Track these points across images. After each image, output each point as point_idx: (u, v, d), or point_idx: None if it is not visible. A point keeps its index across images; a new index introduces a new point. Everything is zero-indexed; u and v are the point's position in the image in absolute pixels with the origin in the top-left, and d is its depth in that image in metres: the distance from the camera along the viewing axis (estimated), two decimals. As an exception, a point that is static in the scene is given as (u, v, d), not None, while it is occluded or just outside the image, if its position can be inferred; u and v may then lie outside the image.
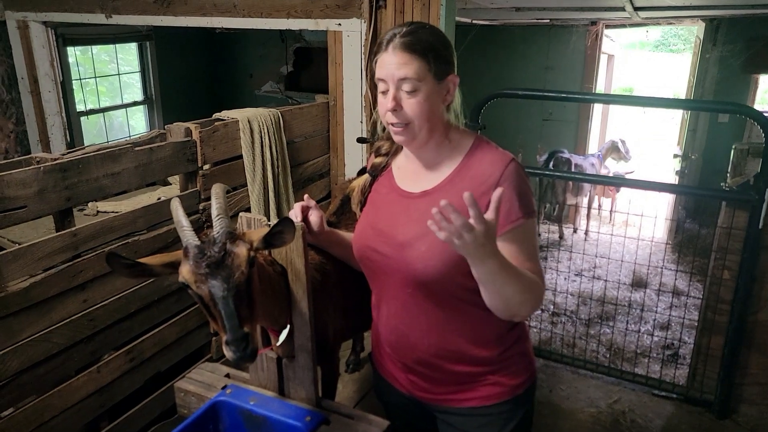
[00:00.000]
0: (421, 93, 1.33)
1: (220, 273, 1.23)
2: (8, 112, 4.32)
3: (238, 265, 1.24)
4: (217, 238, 1.26)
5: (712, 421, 2.91)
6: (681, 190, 4.05)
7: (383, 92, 1.36)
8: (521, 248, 1.35)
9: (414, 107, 1.34)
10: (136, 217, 2.31)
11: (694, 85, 5.82)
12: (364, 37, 3.04)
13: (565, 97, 3.18)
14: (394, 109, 1.34)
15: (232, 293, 1.22)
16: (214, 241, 1.26)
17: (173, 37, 5.91)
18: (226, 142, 2.68)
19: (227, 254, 1.24)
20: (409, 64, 1.32)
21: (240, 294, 1.24)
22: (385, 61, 1.34)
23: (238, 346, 1.21)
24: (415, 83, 1.32)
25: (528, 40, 6.52)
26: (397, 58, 1.32)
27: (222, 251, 1.24)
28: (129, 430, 2.39)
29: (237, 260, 1.25)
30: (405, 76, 1.32)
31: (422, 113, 1.34)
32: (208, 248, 1.25)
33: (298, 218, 1.52)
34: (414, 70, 1.32)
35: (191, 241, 1.26)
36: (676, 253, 5.52)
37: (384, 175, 1.55)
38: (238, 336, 1.20)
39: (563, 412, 2.96)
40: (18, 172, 1.89)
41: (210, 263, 1.23)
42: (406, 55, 1.32)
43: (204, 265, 1.23)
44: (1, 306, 1.88)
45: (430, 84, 1.34)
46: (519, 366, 1.52)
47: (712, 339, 2.93)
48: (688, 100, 5.77)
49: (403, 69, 1.32)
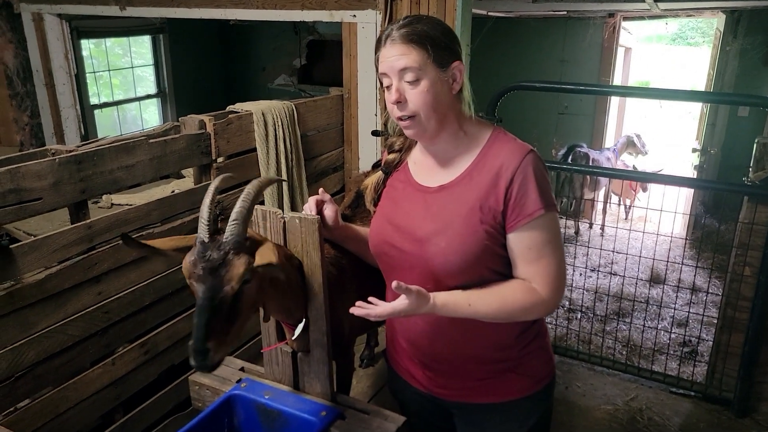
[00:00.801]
0: (424, 82, 1.31)
1: (209, 279, 1.20)
2: (23, 104, 4.34)
3: (229, 279, 1.20)
4: (223, 244, 1.22)
5: (731, 419, 2.86)
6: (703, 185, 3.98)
7: (387, 87, 1.35)
8: (533, 244, 1.32)
9: (417, 97, 1.31)
10: (150, 210, 2.30)
11: (713, 77, 5.72)
12: (379, 29, 3.01)
13: (582, 89, 3.12)
14: (398, 101, 1.32)
15: (213, 304, 1.18)
16: (219, 246, 1.22)
17: (187, 30, 5.91)
18: (240, 135, 2.67)
19: (224, 264, 1.20)
20: (408, 54, 1.30)
21: (221, 307, 1.19)
22: (385, 55, 1.33)
23: (195, 357, 1.18)
24: (416, 72, 1.30)
25: (544, 32, 6.44)
26: (396, 50, 1.31)
27: (221, 260, 1.20)
28: (143, 423, 2.40)
29: (231, 273, 1.20)
30: (405, 66, 1.30)
31: (426, 102, 1.32)
32: (211, 250, 1.21)
33: (312, 212, 1.50)
34: (413, 60, 1.30)
35: (201, 236, 1.24)
36: (695, 249, 5.44)
37: (400, 169, 1.52)
38: (198, 348, 1.16)
39: (579, 409, 2.93)
40: (34, 164, 1.89)
41: (205, 267, 1.20)
42: (403, 47, 1.30)
43: (200, 266, 1.20)
44: (18, 297, 1.88)
45: (432, 72, 1.32)
46: (539, 361, 1.50)
47: (732, 336, 2.88)
48: (709, 93, 5.64)
49: (402, 59, 1.30)
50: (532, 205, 1.30)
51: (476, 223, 1.32)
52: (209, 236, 1.23)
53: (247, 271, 1.21)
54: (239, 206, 1.26)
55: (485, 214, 1.32)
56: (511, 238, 1.34)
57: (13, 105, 4.30)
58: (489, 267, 1.36)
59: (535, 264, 1.33)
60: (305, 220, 1.41)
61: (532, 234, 1.32)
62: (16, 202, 1.85)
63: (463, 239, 1.33)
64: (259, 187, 1.33)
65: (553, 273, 1.34)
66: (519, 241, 1.33)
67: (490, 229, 1.32)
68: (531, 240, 1.32)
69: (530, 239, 1.32)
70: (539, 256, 1.32)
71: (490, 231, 1.32)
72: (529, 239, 1.32)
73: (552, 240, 1.33)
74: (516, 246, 1.34)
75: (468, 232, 1.32)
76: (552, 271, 1.33)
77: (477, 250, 1.32)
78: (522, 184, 1.31)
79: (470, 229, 1.32)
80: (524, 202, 1.30)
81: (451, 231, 1.34)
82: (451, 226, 1.34)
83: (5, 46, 4.19)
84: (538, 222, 1.31)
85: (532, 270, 1.33)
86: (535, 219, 1.31)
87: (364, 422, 1.44)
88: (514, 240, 1.33)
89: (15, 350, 1.89)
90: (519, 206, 1.31)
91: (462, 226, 1.33)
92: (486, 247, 1.33)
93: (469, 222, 1.33)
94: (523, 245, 1.33)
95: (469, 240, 1.32)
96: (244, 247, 1.23)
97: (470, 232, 1.32)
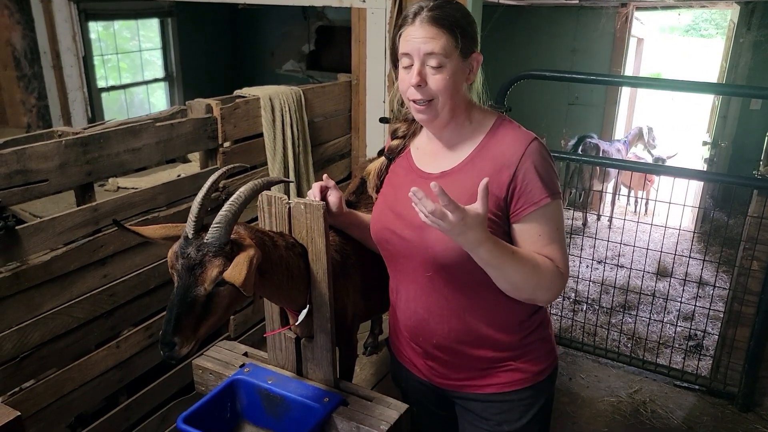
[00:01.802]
0: (447, 69, 1.29)
1: (185, 276, 1.20)
2: (30, 86, 4.34)
3: (202, 281, 1.20)
4: (203, 245, 1.21)
5: (734, 413, 2.85)
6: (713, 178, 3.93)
7: (406, 67, 1.32)
8: (543, 231, 1.32)
9: (439, 83, 1.29)
10: (156, 194, 2.30)
11: (726, 70, 5.65)
12: (389, 15, 2.98)
13: (594, 79, 3.08)
14: (418, 85, 1.29)
15: (185, 300, 1.19)
16: (200, 246, 1.21)
17: (195, 13, 5.88)
18: (247, 120, 2.65)
19: (201, 264, 1.20)
20: (437, 38, 1.27)
21: (193, 305, 1.20)
22: (411, 34, 1.29)
23: (162, 348, 1.21)
24: (441, 59, 1.28)
25: (555, 21, 6.36)
26: (425, 32, 1.27)
27: (198, 260, 1.20)
28: (147, 406, 2.41)
29: (204, 275, 1.20)
30: (432, 51, 1.27)
31: (446, 89, 1.30)
32: (192, 248, 1.21)
33: (316, 198, 1.50)
34: (441, 45, 1.27)
35: (187, 230, 1.24)
36: (702, 242, 5.40)
37: (403, 156, 1.51)
38: (166, 341, 1.19)
39: (583, 401, 2.93)
40: (40, 146, 1.89)
41: (182, 264, 1.21)
42: (434, 29, 1.27)
43: (180, 261, 1.21)
44: (23, 278, 1.88)
45: (456, 61, 1.30)
46: (540, 352, 1.49)
47: (737, 330, 2.87)
48: (722, 85, 5.57)
49: (431, 43, 1.27)
50: (538, 194, 1.29)
51: None
52: (194, 233, 1.23)
53: (219, 276, 1.20)
54: (225, 209, 1.23)
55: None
56: (518, 226, 1.33)
57: (20, 87, 4.30)
58: None
59: (547, 248, 1.32)
60: (310, 206, 1.40)
61: (540, 221, 1.31)
62: (23, 183, 1.85)
63: None
64: (252, 190, 1.29)
65: (563, 256, 1.34)
66: (528, 228, 1.32)
67: (491, 216, 1.31)
68: (540, 227, 1.31)
69: (539, 226, 1.31)
70: (549, 241, 1.32)
71: (491, 218, 1.31)
72: (538, 227, 1.31)
73: (558, 227, 1.34)
74: (525, 233, 1.33)
75: None
76: (561, 254, 1.34)
77: None
78: (527, 173, 1.29)
79: None
80: (530, 190, 1.29)
81: None
82: None
83: (13, 27, 4.18)
84: (545, 210, 1.30)
85: (544, 254, 1.33)
86: (542, 207, 1.30)
87: (366, 409, 1.44)
88: (521, 228, 1.32)
89: (20, 331, 1.90)
90: (525, 194, 1.30)
91: None
92: None
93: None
94: (532, 232, 1.32)
95: None
96: (224, 252, 1.21)
97: None
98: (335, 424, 1.42)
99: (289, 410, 1.46)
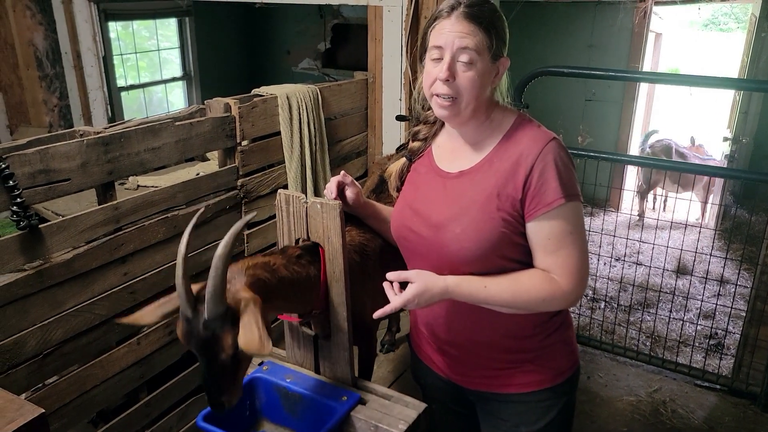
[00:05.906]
0: (477, 68, 1.28)
1: (204, 353, 1.22)
2: (52, 86, 4.40)
3: (220, 350, 1.21)
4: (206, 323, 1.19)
5: (756, 414, 2.81)
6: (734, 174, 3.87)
7: (435, 59, 1.30)
8: (553, 234, 1.29)
9: (467, 81, 1.28)
10: (175, 192, 2.32)
11: (747, 64, 5.54)
12: (405, 13, 2.98)
13: (612, 75, 3.04)
14: (447, 79, 1.28)
15: (215, 370, 1.22)
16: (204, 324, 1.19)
17: (212, 12, 5.92)
18: (264, 119, 2.66)
19: (213, 339, 1.20)
20: (473, 35, 1.26)
21: (223, 369, 1.23)
22: (446, 27, 1.28)
23: (213, 408, 1.25)
24: (473, 55, 1.27)
25: (572, 17, 6.29)
26: (461, 26, 1.26)
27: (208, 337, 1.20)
28: (166, 403, 2.44)
29: (221, 345, 1.20)
30: (466, 46, 1.26)
31: (473, 89, 1.29)
32: (196, 327, 1.20)
33: (333, 194, 1.50)
34: (476, 42, 1.26)
35: (183, 311, 1.23)
36: (723, 239, 5.32)
37: (424, 154, 1.51)
38: (215, 402, 1.25)
39: (601, 400, 2.90)
40: (62, 145, 1.91)
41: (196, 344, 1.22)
42: (471, 26, 1.26)
43: (192, 341, 1.22)
44: (47, 276, 1.91)
45: (486, 61, 1.29)
46: (560, 354, 1.48)
47: (760, 330, 2.82)
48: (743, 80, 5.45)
49: (466, 39, 1.26)
50: (552, 195, 1.27)
51: (493, 210, 1.30)
52: (192, 311, 1.21)
53: (234, 340, 1.20)
54: (209, 285, 1.19)
55: (503, 201, 1.30)
56: (530, 227, 1.31)
57: (42, 87, 4.36)
58: (507, 256, 1.33)
59: (555, 254, 1.30)
60: (327, 205, 1.41)
61: (551, 224, 1.28)
62: (45, 182, 1.87)
63: (478, 226, 1.31)
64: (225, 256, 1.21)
65: (574, 264, 1.30)
66: (538, 230, 1.30)
67: (507, 217, 1.30)
68: (550, 230, 1.29)
69: (549, 229, 1.29)
70: (559, 246, 1.29)
71: (507, 219, 1.30)
72: (548, 229, 1.29)
73: (573, 231, 1.30)
74: (535, 236, 1.31)
75: (484, 219, 1.30)
76: (573, 262, 1.30)
77: (493, 237, 1.30)
78: (542, 173, 1.27)
79: (486, 216, 1.30)
80: (544, 191, 1.27)
81: (466, 217, 1.32)
82: (467, 212, 1.32)
83: (35, 28, 4.24)
84: (558, 212, 1.28)
85: (551, 260, 1.30)
86: (555, 209, 1.27)
87: (384, 407, 1.44)
88: (532, 229, 1.31)
89: (44, 328, 1.93)
90: (538, 195, 1.28)
91: (478, 213, 1.31)
92: (503, 235, 1.30)
93: (486, 209, 1.31)
94: (542, 235, 1.30)
95: (484, 227, 1.30)
96: (228, 318, 1.20)
97: (486, 219, 1.30)
98: (353, 422, 1.42)
99: (307, 408, 1.47)
